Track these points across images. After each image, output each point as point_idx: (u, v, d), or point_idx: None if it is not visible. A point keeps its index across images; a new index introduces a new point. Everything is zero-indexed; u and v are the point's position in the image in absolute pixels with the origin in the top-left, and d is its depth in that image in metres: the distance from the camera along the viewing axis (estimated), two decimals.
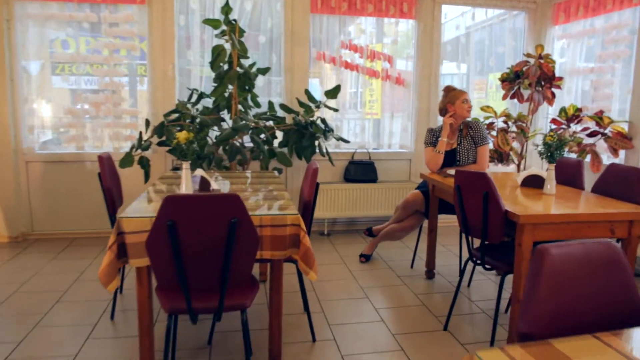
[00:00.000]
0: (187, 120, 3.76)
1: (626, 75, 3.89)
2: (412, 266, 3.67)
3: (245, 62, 3.91)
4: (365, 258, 3.74)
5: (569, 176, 3.09)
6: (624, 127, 3.79)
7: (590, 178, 3.92)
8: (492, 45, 4.71)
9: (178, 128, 3.66)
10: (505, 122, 4.27)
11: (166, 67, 4.15)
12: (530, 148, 4.63)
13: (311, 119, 4.00)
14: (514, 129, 4.31)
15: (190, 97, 3.92)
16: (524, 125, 4.25)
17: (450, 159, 3.43)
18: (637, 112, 3.69)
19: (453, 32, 4.76)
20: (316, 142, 3.98)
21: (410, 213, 3.49)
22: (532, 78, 4.22)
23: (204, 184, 2.48)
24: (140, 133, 3.62)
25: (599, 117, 3.84)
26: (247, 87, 3.96)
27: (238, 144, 3.75)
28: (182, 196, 1.62)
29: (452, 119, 3.41)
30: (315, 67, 4.46)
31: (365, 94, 4.58)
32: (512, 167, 4.58)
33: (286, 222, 2.00)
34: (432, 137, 3.48)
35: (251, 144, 3.90)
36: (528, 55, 4.32)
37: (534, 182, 2.84)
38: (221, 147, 3.84)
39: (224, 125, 3.96)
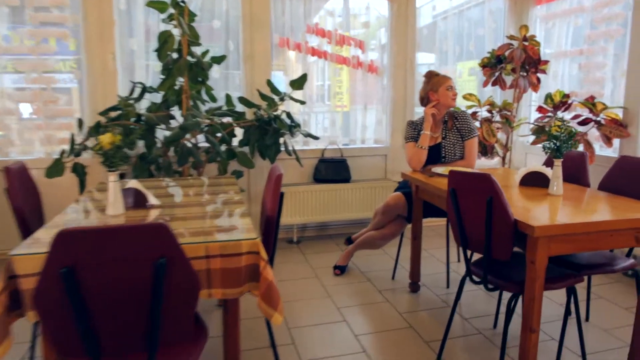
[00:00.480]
0: (132, 119, 3.23)
1: (619, 56, 3.56)
2: (393, 277, 3.26)
3: (198, 50, 3.40)
4: (340, 270, 3.30)
5: (571, 171, 2.72)
6: (618, 114, 3.46)
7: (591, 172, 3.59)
8: (471, 29, 4.32)
9: (119, 129, 3.13)
10: (489, 111, 3.89)
11: (105, 57, 3.59)
12: (515, 139, 4.28)
13: (275, 113, 3.52)
14: (497, 118, 3.94)
15: (132, 91, 3.38)
16: (509, 114, 3.88)
17: (435, 155, 3.01)
18: (633, 96, 3.35)
19: (429, 17, 4.35)
20: (281, 140, 3.51)
21: (392, 218, 3.06)
22: (517, 62, 3.85)
23: (139, 198, 1.98)
24: (72, 136, 3.07)
25: (591, 104, 3.49)
26: (200, 79, 3.45)
27: (190, 145, 3.25)
28: (83, 230, 1.12)
29: (435, 109, 2.99)
30: (278, 56, 3.97)
31: (335, 84, 4.12)
32: (496, 161, 4.22)
33: (241, 250, 1.54)
34: (413, 131, 3.06)
35: (207, 144, 3.40)
36: (511, 37, 3.95)
37: (534, 180, 2.45)
38: (172, 149, 3.32)
39: (175, 123, 3.44)
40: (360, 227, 4.28)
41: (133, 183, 2.00)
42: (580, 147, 3.53)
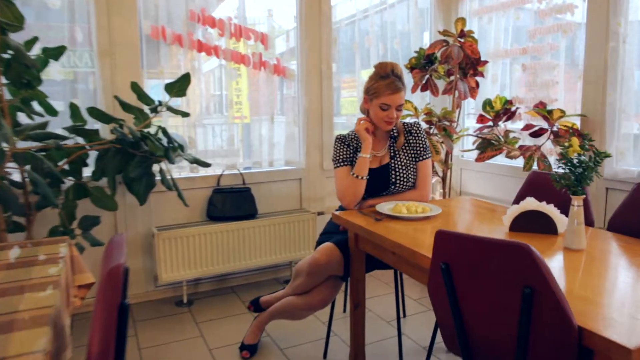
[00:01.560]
0: None
1: (573, 54, 3.01)
2: (325, 354, 2.34)
3: (21, 39, 2.26)
4: (250, 351, 2.32)
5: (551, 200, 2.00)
6: (575, 123, 2.89)
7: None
8: (394, 28, 3.58)
9: None
10: (428, 121, 3.15)
11: None
12: (457, 154, 3.60)
13: (146, 130, 2.48)
14: (433, 130, 3.22)
15: None
16: (449, 125, 3.18)
17: (379, 182, 2.18)
18: (593, 101, 2.79)
19: (348, 12, 3.55)
20: (156, 167, 2.47)
21: (322, 280, 2.14)
22: (455, 62, 3.17)
23: None
24: None
25: (546, 111, 2.88)
26: (26, 81, 2.31)
27: (7, 183, 2.08)
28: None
29: (369, 123, 2.16)
30: (153, 53, 2.91)
31: (232, 92, 3.15)
32: (434, 181, 3.51)
33: None
34: (346, 151, 2.21)
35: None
36: (445, 32, 3.26)
37: (530, 224, 1.69)
38: None
39: None
40: (273, 274, 3.34)
41: None
42: (535, 166, 2.91)
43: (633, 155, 2.66)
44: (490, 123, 3.25)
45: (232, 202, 3.03)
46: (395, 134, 2.26)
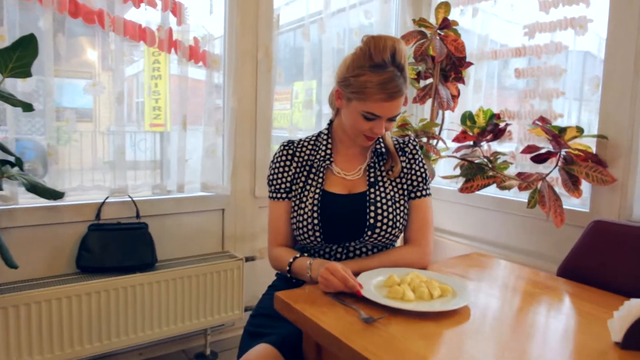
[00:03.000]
0: None
1: (585, 56, 2.34)
2: None
3: None
4: None
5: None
6: (589, 145, 2.20)
7: (553, 241, 2.26)
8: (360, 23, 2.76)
9: None
10: (401, 136, 2.33)
11: None
12: (440, 181, 2.80)
13: None
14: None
15: None
16: (427, 142, 2.39)
17: (347, 222, 1.38)
18: (615, 119, 2.12)
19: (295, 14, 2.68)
20: None
21: None
22: (437, 60, 2.39)
23: None
24: None
25: (558, 129, 2.16)
26: None
27: None
28: None
29: (338, 271, 1.28)
30: None
31: (116, 80, 2.14)
32: None
33: None
34: (288, 174, 1.40)
35: None
36: (421, 22, 2.49)
37: None
38: None
39: None
40: (181, 345, 2.33)
41: None
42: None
43: None
44: (471, 142, 2.51)
45: (117, 246, 2.02)
46: (381, 150, 1.41)
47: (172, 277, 2.11)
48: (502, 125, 2.42)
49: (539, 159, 2.26)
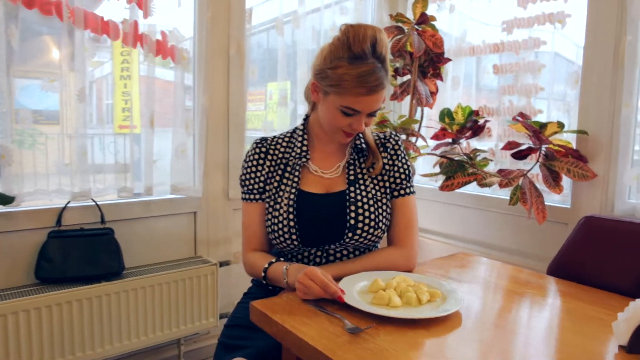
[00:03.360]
0: None
1: (565, 52, 2.31)
2: None
3: None
4: None
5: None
6: (569, 141, 2.17)
7: (535, 238, 2.22)
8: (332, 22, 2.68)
9: None
10: (382, 131, 2.26)
11: None
12: (420, 179, 2.74)
13: None
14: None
15: None
16: (406, 140, 2.32)
17: (325, 223, 1.27)
18: (596, 114, 2.09)
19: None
20: None
21: None
22: (415, 55, 2.34)
23: None
24: None
25: (539, 125, 2.13)
26: None
27: None
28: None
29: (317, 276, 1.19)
30: None
31: (77, 74, 2.00)
32: None
33: None
34: (261, 174, 1.30)
35: None
36: (398, 17, 2.43)
37: None
38: None
39: None
40: (153, 356, 2.21)
41: None
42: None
43: None
44: (450, 139, 2.46)
45: (80, 253, 1.88)
46: (361, 146, 1.34)
47: (141, 286, 1.98)
48: (481, 122, 2.38)
49: (520, 155, 2.23)
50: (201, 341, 2.38)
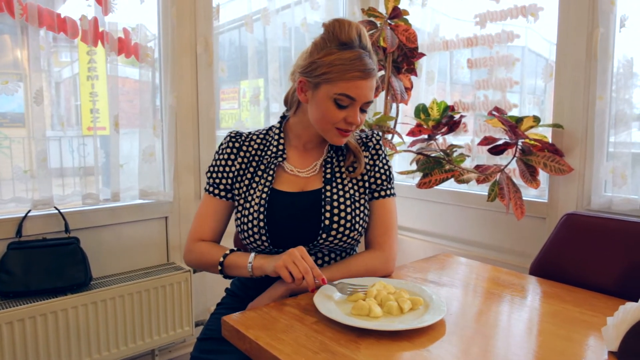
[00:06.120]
0: None
1: (540, 45, 2.30)
2: None
3: None
4: None
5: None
6: (545, 135, 2.16)
7: (513, 234, 2.20)
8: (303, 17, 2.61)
9: None
10: (362, 130, 2.21)
11: None
12: (397, 177, 2.68)
13: None
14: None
15: None
16: (384, 138, 2.28)
17: (300, 223, 1.21)
18: (570, 108, 2.08)
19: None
20: None
21: None
22: (389, 50, 2.29)
23: None
24: None
25: (515, 119, 2.11)
26: None
27: None
28: None
29: (300, 256, 1.12)
30: None
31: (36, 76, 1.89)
32: None
33: None
34: (230, 169, 1.29)
35: None
36: (370, 12, 2.38)
37: None
38: None
39: None
40: None
41: None
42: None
43: (631, 179, 1.97)
44: (426, 136, 2.44)
45: (44, 265, 1.78)
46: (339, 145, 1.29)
47: (111, 296, 1.89)
48: (456, 117, 2.35)
49: (496, 150, 2.21)
50: (177, 350, 2.29)
